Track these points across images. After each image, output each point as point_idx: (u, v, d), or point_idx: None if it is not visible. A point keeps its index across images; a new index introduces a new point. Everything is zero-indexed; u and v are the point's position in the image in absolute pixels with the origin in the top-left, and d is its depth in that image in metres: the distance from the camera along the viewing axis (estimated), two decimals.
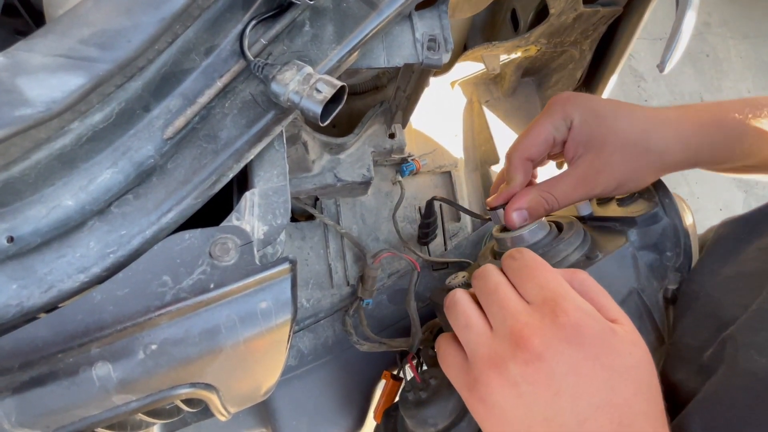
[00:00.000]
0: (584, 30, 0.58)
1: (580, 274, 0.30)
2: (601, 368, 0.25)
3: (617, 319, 0.28)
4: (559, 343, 0.26)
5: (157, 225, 0.26)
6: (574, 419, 0.25)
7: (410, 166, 0.59)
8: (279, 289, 0.27)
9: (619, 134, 0.37)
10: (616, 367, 0.26)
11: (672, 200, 0.39)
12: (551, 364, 0.25)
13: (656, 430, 0.25)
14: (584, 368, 0.25)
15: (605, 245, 0.38)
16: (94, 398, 0.24)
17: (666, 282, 0.38)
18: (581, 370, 0.25)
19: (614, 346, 0.26)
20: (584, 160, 0.38)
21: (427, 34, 0.34)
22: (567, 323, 0.26)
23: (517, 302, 0.28)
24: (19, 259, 0.24)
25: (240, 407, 0.36)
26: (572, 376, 0.25)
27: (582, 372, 0.25)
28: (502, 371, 0.26)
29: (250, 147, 0.28)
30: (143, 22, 0.23)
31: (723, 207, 1.74)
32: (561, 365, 0.25)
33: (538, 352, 0.26)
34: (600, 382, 0.25)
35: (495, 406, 0.27)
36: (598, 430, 0.25)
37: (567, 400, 0.25)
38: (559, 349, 0.26)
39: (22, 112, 0.21)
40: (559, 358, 0.26)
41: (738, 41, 1.97)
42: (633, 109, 0.38)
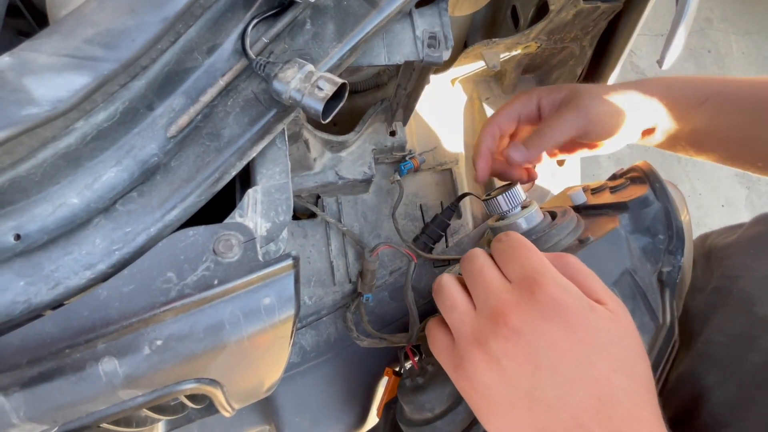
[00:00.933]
0: (584, 26, 0.58)
1: (567, 257, 0.30)
2: (579, 343, 0.26)
3: (602, 300, 0.28)
4: (536, 318, 0.26)
5: (162, 222, 0.27)
6: (554, 393, 0.25)
7: (408, 164, 0.58)
8: (282, 285, 0.27)
9: (583, 85, 0.43)
10: (593, 342, 0.26)
11: (663, 184, 0.39)
12: (530, 339, 0.26)
13: (639, 406, 0.25)
14: (562, 343, 0.26)
15: (598, 229, 0.38)
16: (100, 393, 0.25)
17: (660, 265, 0.38)
18: (559, 345, 0.26)
19: (592, 322, 0.26)
20: (564, 100, 0.43)
21: (428, 31, 0.35)
22: (544, 299, 0.26)
23: (500, 281, 0.29)
24: (26, 257, 0.25)
25: (244, 403, 0.37)
26: (551, 351, 0.26)
27: (560, 346, 0.26)
28: (485, 348, 0.27)
29: (253, 145, 0.29)
30: (146, 22, 0.24)
31: (725, 203, 1.74)
32: (540, 340, 0.26)
33: (517, 327, 0.26)
34: (578, 356, 0.26)
35: (479, 383, 0.27)
36: (578, 404, 0.25)
37: (546, 375, 0.26)
38: (537, 324, 0.26)
39: (28, 112, 0.21)
40: (537, 333, 0.26)
41: (740, 37, 1.96)
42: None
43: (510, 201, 0.41)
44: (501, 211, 0.42)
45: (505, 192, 0.42)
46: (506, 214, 0.42)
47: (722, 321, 0.35)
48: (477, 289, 0.30)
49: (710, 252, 0.43)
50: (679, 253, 0.39)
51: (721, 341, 0.34)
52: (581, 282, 0.29)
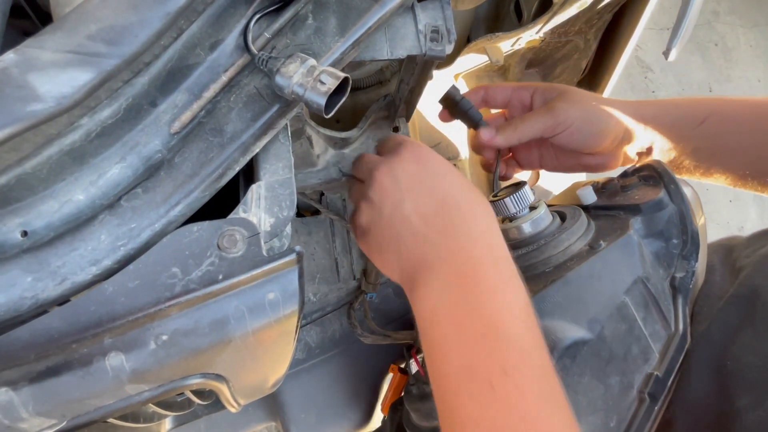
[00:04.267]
0: (589, 19, 0.57)
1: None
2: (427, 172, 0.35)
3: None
4: (397, 162, 0.36)
5: (166, 218, 0.27)
6: (410, 205, 0.34)
7: None
8: (286, 280, 0.27)
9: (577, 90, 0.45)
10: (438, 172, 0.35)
11: (678, 186, 0.39)
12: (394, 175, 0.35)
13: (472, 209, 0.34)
14: (415, 172, 0.35)
15: (609, 234, 0.38)
16: (107, 388, 0.25)
17: (673, 270, 0.37)
18: (413, 173, 0.35)
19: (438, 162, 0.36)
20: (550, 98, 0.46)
21: (430, 25, 0.34)
22: (405, 150, 0.36)
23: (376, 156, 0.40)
24: (33, 253, 0.25)
25: (249, 399, 0.37)
26: (407, 178, 0.35)
27: (413, 174, 0.35)
28: (367, 201, 0.36)
29: (256, 140, 0.29)
30: (149, 17, 0.24)
31: (733, 198, 1.72)
32: (401, 173, 0.35)
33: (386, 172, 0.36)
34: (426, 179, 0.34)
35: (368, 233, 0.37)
36: (425, 208, 0.34)
37: (406, 194, 0.34)
38: (399, 165, 0.35)
39: (33, 108, 0.21)
40: (400, 170, 0.35)
41: (747, 30, 1.94)
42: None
43: (518, 203, 0.41)
44: (508, 213, 0.42)
45: (512, 193, 0.41)
46: (514, 216, 0.41)
47: (752, 340, 0.34)
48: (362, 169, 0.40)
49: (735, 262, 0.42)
50: (693, 258, 0.38)
51: (754, 362, 0.33)
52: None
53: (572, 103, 0.43)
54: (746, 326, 0.35)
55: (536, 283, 0.38)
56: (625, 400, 0.35)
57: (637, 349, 0.36)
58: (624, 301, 0.36)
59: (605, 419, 0.34)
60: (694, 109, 0.43)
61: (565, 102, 0.44)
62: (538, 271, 0.39)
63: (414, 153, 0.36)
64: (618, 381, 0.35)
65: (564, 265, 0.38)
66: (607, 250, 0.36)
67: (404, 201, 0.34)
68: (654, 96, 1.75)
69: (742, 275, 0.38)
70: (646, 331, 0.36)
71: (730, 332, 0.36)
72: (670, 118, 0.43)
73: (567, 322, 0.35)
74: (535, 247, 0.39)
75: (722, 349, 0.36)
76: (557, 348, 0.34)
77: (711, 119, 0.41)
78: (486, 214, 0.34)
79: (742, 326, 0.35)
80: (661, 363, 0.35)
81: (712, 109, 0.42)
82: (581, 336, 0.34)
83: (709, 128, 0.42)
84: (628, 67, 1.76)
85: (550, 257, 0.39)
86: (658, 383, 0.35)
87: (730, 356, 0.35)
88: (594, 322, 0.35)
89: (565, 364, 0.34)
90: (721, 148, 0.42)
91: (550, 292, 0.36)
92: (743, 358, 0.34)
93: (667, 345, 0.36)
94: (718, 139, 0.42)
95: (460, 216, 0.33)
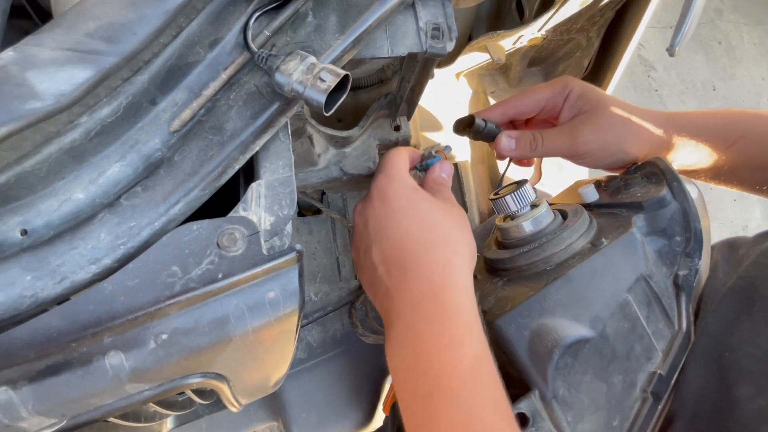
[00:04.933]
0: (591, 16, 0.57)
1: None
2: (391, 211, 0.36)
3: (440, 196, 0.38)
4: (369, 203, 0.38)
5: (166, 216, 0.27)
6: (377, 250, 0.36)
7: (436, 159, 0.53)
8: (286, 278, 0.27)
9: (608, 104, 0.43)
10: (401, 209, 0.36)
11: (680, 183, 0.38)
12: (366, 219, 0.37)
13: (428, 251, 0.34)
14: (380, 212, 0.36)
15: (611, 231, 0.37)
16: (107, 387, 0.25)
17: (676, 268, 0.37)
18: (378, 214, 0.36)
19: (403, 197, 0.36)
20: (576, 118, 0.44)
21: (431, 22, 0.34)
22: (374, 187, 0.38)
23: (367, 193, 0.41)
24: (32, 252, 0.25)
25: (251, 398, 0.37)
26: (374, 219, 0.36)
27: (378, 215, 0.36)
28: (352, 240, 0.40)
29: (256, 138, 0.29)
30: (148, 15, 0.23)
31: (737, 197, 1.71)
32: (369, 212, 0.37)
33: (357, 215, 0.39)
34: (388, 220, 0.36)
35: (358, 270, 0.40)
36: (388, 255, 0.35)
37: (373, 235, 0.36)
38: (369, 207, 0.37)
39: (32, 105, 0.21)
40: (369, 215, 0.37)
41: (751, 27, 1.92)
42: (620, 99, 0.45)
43: (519, 201, 0.40)
44: (509, 211, 0.41)
45: (513, 191, 0.41)
46: (515, 214, 0.41)
47: (751, 331, 0.34)
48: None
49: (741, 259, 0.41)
50: (696, 255, 0.38)
51: (753, 353, 0.33)
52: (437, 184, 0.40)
53: (597, 132, 0.42)
54: (745, 318, 0.35)
55: (537, 282, 0.37)
56: (628, 399, 0.35)
57: (640, 348, 0.36)
58: (626, 299, 0.36)
59: (608, 418, 0.34)
60: (725, 130, 0.42)
61: (590, 128, 0.42)
62: (540, 269, 0.39)
63: (380, 191, 0.37)
64: (621, 380, 0.35)
65: (566, 263, 0.38)
66: (609, 248, 0.35)
67: (372, 246, 0.36)
68: (657, 94, 1.74)
69: (742, 268, 0.37)
70: (649, 330, 0.36)
71: (729, 324, 0.36)
72: (699, 139, 0.42)
73: (569, 321, 0.35)
74: (536, 245, 0.39)
75: (721, 340, 0.36)
76: (559, 346, 0.33)
77: (741, 141, 0.41)
78: (443, 254, 0.34)
79: (741, 318, 0.35)
80: (664, 361, 0.35)
81: (744, 131, 0.41)
82: (583, 334, 0.34)
83: (738, 149, 0.41)
84: (631, 66, 1.75)
85: (551, 255, 0.38)
86: (662, 382, 0.35)
87: (728, 347, 0.35)
88: (596, 321, 0.35)
89: (567, 362, 0.34)
90: (746, 165, 0.42)
91: (551, 290, 0.36)
92: (742, 349, 0.34)
93: (670, 343, 0.36)
94: (745, 158, 0.41)
95: (414, 265, 0.34)
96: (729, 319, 0.36)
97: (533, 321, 0.35)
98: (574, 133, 0.43)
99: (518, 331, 0.35)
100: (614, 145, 0.43)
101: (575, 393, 0.34)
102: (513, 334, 0.34)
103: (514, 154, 0.45)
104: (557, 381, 0.33)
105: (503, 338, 0.35)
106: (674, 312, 0.36)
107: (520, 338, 0.34)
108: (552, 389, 0.33)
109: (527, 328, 0.35)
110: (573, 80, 0.46)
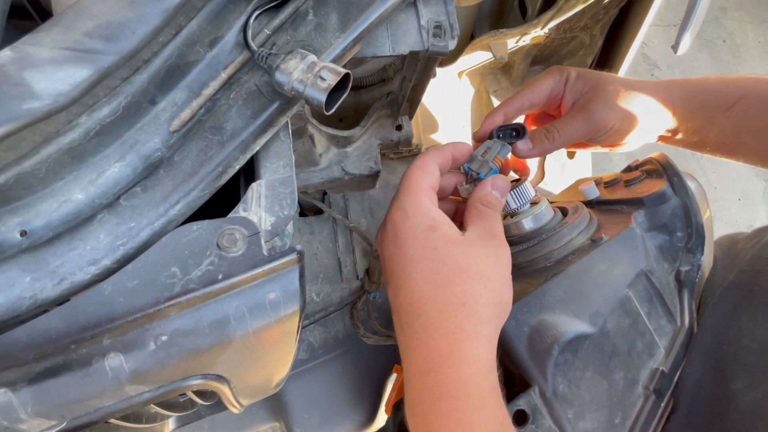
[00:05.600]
0: (594, 14, 0.56)
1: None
2: (402, 257, 0.32)
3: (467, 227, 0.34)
4: (382, 235, 0.35)
5: (166, 217, 0.26)
6: (393, 294, 0.33)
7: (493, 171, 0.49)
8: (287, 279, 0.27)
9: (607, 78, 0.43)
10: (414, 256, 0.32)
11: (681, 178, 0.38)
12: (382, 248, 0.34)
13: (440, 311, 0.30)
14: (393, 256, 0.33)
15: (612, 228, 0.37)
16: (107, 388, 0.25)
17: (678, 264, 0.37)
18: (392, 257, 0.33)
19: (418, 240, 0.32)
20: (581, 99, 0.43)
21: (433, 20, 0.34)
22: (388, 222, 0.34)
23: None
24: (31, 253, 0.25)
25: (252, 399, 0.36)
26: (388, 261, 0.34)
27: (392, 258, 0.33)
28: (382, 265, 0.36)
29: (256, 138, 0.28)
30: (147, 14, 0.23)
31: (742, 197, 1.69)
32: (384, 252, 0.34)
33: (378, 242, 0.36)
34: (401, 268, 0.32)
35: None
36: (401, 306, 0.32)
37: (389, 278, 0.33)
38: (382, 236, 0.35)
39: (30, 105, 0.21)
40: (383, 248, 0.34)
41: (756, 25, 1.91)
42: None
43: (518, 198, 0.40)
44: (509, 209, 0.41)
45: (513, 189, 0.41)
46: (515, 211, 0.41)
47: (750, 324, 0.34)
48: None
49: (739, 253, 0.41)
50: (698, 251, 0.38)
51: (751, 346, 0.33)
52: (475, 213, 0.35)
53: (610, 105, 0.41)
54: (744, 311, 0.35)
55: (537, 278, 0.37)
56: (630, 397, 0.34)
57: (641, 344, 0.35)
58: (627, 295, 0.35)
59: (609, 416, 0.33)
60: (726, 91, 0.41)
61: (601, 103, 0.42)
62: (539, 265, 0.39)
63: (394, 228, 0.33)
64: (622, 376, 0.34)
65: (565, 259, 0.38)
66: (609, 244, 0.35)
67: (389, 286, 0.34)
68: None
69: (743, 263, 0.37)
70: (651, 326, 0.36)
71: (728, 317, 0.35)
72: (700, 101, 0.42)
73: (568, 316, 0.34)
74: (536, 242, 0.39)
75: (719, 333, 0.35)
76: (558, 342, 0.33)
77: (742, 102, 0.40)
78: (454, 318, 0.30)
79: (740, 311, 0.35)
80: (666, 358, 0.35)
81: (744, 91, 0.40)
82: (583, 330, 0.34)
83: (739, 111, 0.40)
84: (635, 65, 1.74)
85: (551, 252, 0.38)
86: (664, 379, 0.34)
87: (726, 340, 0.34)
88: (596, 316, 0.35)
89: (567, 358, 0.33)
90: (749, 129, 0.40)
91: (550, 286, 0.35)
92: (740, 342, 0.34)
93: (672, 340, 0.36)
94: (747, 121, 0.40)
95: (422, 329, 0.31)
96: (728, 312, 0.36)
97: (532, 317, 0.35)
98: (587, 113, 0.42)
99: (517, 327, 0.34)
100: (629, 115, 0.41)
101: (576, 389, 0.33)
102: (512, 330, 0.34)
103: (534, 153, 0.42)
104: (557, 377, 0.33)
105: (502, 334, 0.34)
106: (676, 308, 0.36)
107: (519, 334, 0.34)
108: (552, 386, 0.33)
109: (527, 324, 0.34)
110: (565, 67, 0.45)
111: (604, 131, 0.42)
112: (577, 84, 0.44)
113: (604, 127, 0.41)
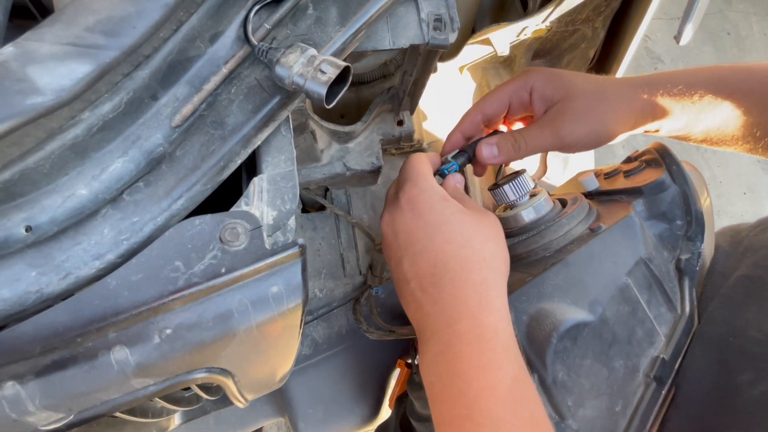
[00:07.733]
0: (596, 6, 0.56)
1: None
2: (423, 224, 0.34)
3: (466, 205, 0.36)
4: (396, 211, 0.36)
5: (168, 211, 0.27)
6: (409, 264, 0.34)
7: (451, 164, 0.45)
8: (290, 273, 0.27)
9: (578, 86, 0.41)
10: (433, 222, 0.34)
11: (680, 166, 0.38)
12: (396, 231, 0.36)
13: (467, 269, 0.33)
14: (411, 225, 0.35)
15: (610, 217, 0.37)
16: (113, 381, 0.25)
17: (678, 252, 0.37)
18: (409, 227, 0.35)
19: (435, 209, 0.35)
20: (551, 110, 0.42)
21: (433, 13, 0.34)
22: (403, 197, 0.36)
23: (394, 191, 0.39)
24: (37, 248, 0.25)
25: (257, 394, 0.37)
26: (404, 233, 0.35)
27: (410, 229, 0.35)
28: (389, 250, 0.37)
29: (257, 132, 0.28)
30: (147, 9, 0.23)
31: (747, 190, 1.68)
32: (398, 226, 0.35)
33: (386, 226, 0.37)
34: (421, 234, 0.34)
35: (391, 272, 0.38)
36: (420, 270, 0.34)
37: (403, 251, 0.35)
38: (399, 219, 0.36)
39: (33, 101, 0.21)
40: (397, 222, 0.36)
41: (761, 17, 1.89)
42: (587, 74, 0.44)
43: (517, 190, 0.40)
44: (508, 201, 0.41)
45: (511, 181, 0.41)
46: (514, 203, 0.41)
47: (758, 315, 0.34)
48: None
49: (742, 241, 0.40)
50: (698, 239, 0.37)
51: (758, 338, 0.33)
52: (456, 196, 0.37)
53: (578, 119, 0.40)
54: (752, 303, 0.35)
55: (536, 267, 0.37)
56: (630, 384, 0.34)
57: (641, 332, 0.35)
58: (626, 283, 0.35)
59: (610, 403, 0.33)
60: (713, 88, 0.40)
61: (569, 118, 0.40)
62: (539, 256, 0.39)
63: (411, 202, 0.35)
64: (622, 364, 0.34)
65: (564, 248, 0.38)
66: (607, 232, 0.35)
67: (403, 260, 0.35)
68: None
69: (758, 256, 0.37)
70: (651, 314, 0.36)
71: (735, 308, 0.35)
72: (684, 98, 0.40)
73: (567, 305, 0.34)
74: (535, 232, 0.39)
75: (725, 325, 0.35)
76: (557, 330, 0.33)
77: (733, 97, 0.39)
78: (480, 272, 0.33)
79: (748, 303, 0.35)
80: (667, 346, 0.35)
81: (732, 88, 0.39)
82: (582, 318, 0.34)
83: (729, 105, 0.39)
84: (638, 58, 1.73)
85: (550, 242, 0.38)
86: (665, 366, 0.34)
87: (732, 332, 0.34)
88: (595, 304, 0.35)
89: (566, 346, 0.34)
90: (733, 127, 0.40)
91: (549, 274, 0.35)
92: (747, 333, 0.34)
93: (673, 328, 0.35)
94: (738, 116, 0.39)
95: (450, 283, 0.33)
96: (736, 303, 0.35)
97: (531, 306, 0.35)
98: (554, 126, 0.41)
99: (516, 315, 0.34)
100: (599, 127, 0.40)
101: (575, 377, 0.33)
102: (511, 319, 0.34)
103: (498, 160, 0.42)
104: (556, 365, 0.33)
105: None
106: (677, 296, 0.36)
107: (518, 323, 0.34)
108: (551, 373, 0.33)
109: (525, 312, 0.35)
110: (535, 71, 0.43)
111: (572, 146, 0.41)
112: (546, 90, 0.42)
113: (570, 142, 0.41)
